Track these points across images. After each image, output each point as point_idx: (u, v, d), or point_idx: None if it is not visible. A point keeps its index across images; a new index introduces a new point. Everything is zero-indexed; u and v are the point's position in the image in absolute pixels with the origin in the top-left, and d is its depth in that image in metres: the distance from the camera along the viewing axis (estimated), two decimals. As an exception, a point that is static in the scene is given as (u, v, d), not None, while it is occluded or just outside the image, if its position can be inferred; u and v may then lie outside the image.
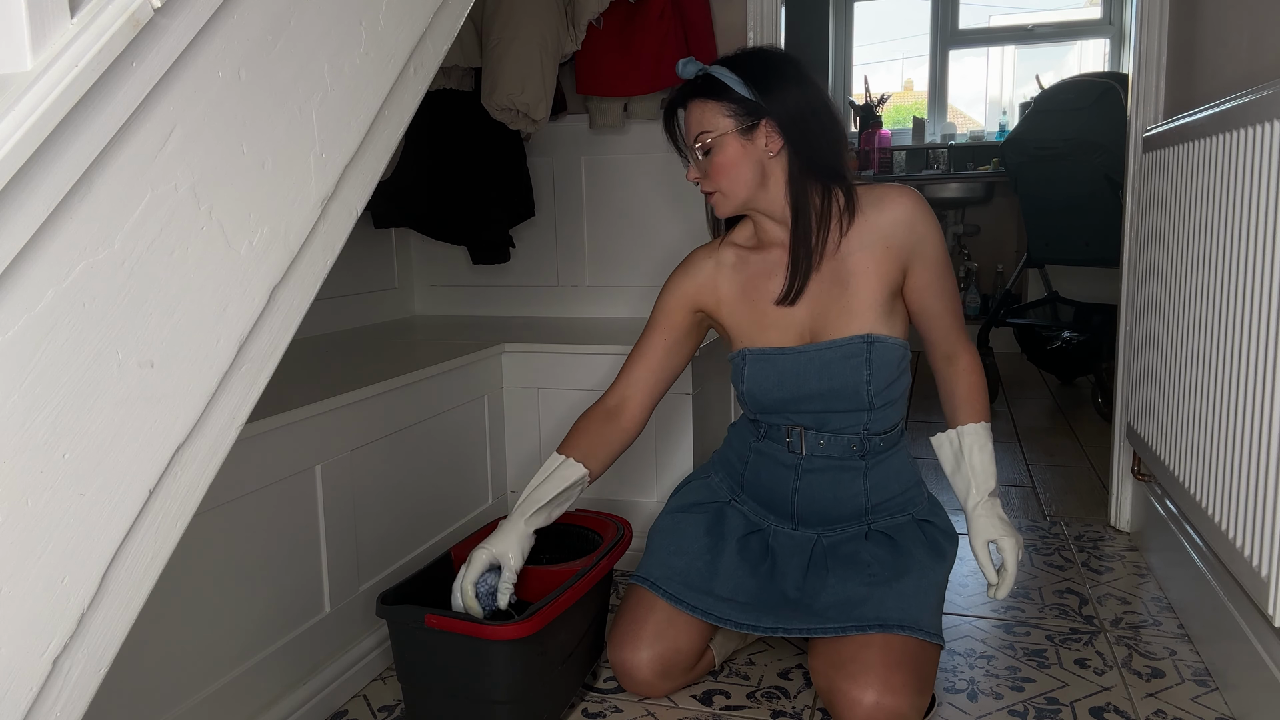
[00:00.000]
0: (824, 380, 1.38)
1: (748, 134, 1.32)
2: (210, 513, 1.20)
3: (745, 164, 1.33)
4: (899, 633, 1.30)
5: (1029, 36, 4.92)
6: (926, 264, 1.39)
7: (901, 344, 1.40)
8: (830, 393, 1.39)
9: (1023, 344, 3.64)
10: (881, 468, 1.44)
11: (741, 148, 1.33)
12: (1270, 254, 1.15)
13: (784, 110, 1.31)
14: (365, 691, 1.50)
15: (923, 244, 1.38)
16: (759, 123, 1.32)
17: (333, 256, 0.85)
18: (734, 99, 1.31)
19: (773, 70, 1.33)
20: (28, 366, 0.58)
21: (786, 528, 1.49)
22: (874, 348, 1.36)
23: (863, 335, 1.37)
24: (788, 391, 1.40)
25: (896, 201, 1.38)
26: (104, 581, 0.64)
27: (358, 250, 2.35)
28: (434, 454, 1.74)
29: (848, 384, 1.37)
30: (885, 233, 1.37)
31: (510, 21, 1.99)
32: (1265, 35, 1.38)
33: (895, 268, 1.38)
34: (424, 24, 0.94)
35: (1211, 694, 1.42)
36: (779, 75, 1.32)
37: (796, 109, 1.32)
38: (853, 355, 1.37)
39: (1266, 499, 1.14)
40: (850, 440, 1.41)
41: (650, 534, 1.54)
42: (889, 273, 1.38)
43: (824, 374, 1.38)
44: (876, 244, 1.37)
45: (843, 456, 1.42)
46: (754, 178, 1.34)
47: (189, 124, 0.69)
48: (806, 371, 1.39)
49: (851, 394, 1.38)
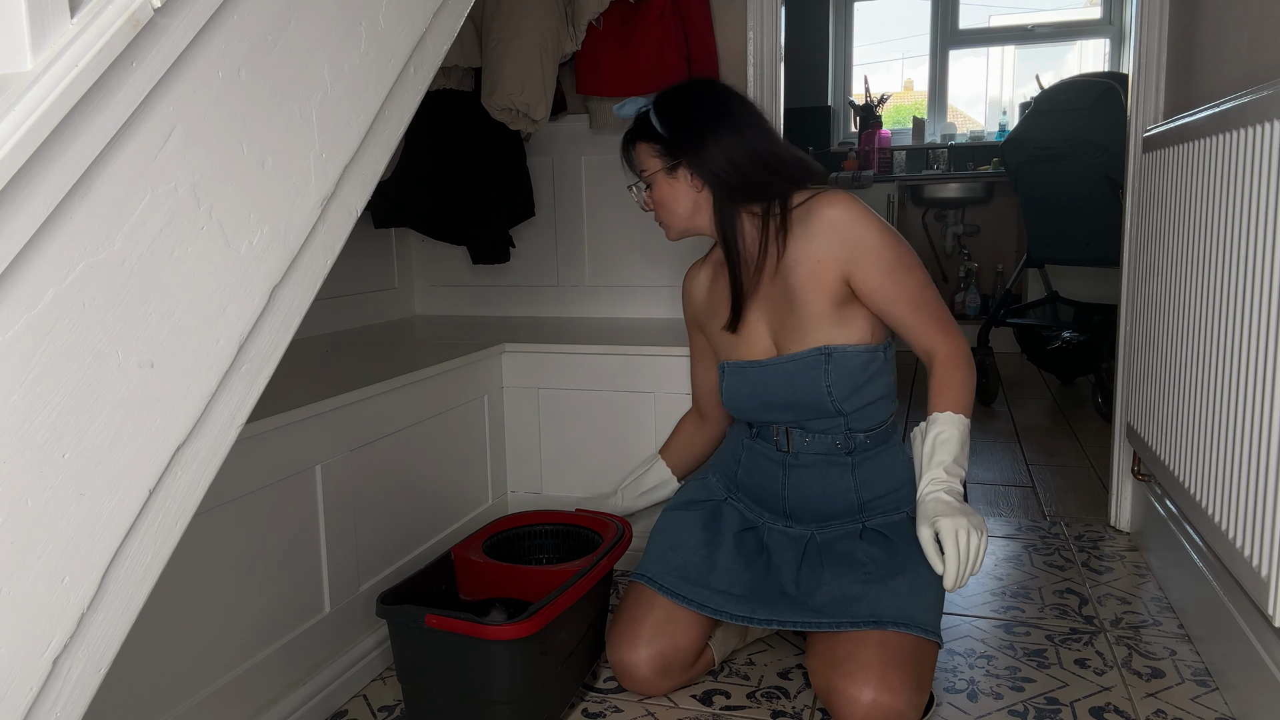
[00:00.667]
0: (788, 392, 1.43)
1: (672, 173, 1.42)
2: (210, 513, 1.20)
3: (676, 199, 1.44)
4: (893, 629, 1.30)
5: (1029, 36, 4.92)
6: (869, 268, 1.36)
7: (866, 349, 1.39)
8: (797, 403, 1.43)
9: (1023, 344, 3.64)
10: (871, 464, 1.45)
11: (670, 185, 1.43)
12: (1270, 254, 1.15)
13: (699, 150, 1.39)
14: (365, 691, 1.50)
15: (858, 250, 1.35)
16: (679, 162, 1.41)
17: (333, 256, 0.85)
18: (660, 140, 1.41)
19: (689, 110, 1.41)
20: (28, 366, 0.58)
21: (780, 525, 1.51)
22: (832, 359, 1.39)
23: (819, 348, 1.39)
24: (759, 402, 1.46)
25: (821, 214, 1.37)
26: (104, 581, 0.64)
27: (358, 250, 2.35)
28: (434, 454, 1.74)
29: (810, 394, 1.41)
30: (815, 245, 1.37)
31: (510, 21, 1.99)
32: (1265, 35, 1.38)
33: (834, 279, 1.37)
34: (424, 24, 0.94)
35: (1211, 694, 1.43)
36: (693, 116, 1.40)
37: (714, 147, 1.38)
38: (811, 368, 1.40)
39: (1266, 499, 1.14)
40: (834, 438, 1.44)
41: (650, 534, 1.56)
42: (829, 284, 1.37)
43: (788, 386, 1.43)
44: (809, 259, 1.38)
45: (829, 453, 1.45)
46: (686, 210, 1.44)
47: (189, 124, 0.69)
48: (772, 384, 1.44)
49: (816, 404, 1.41)
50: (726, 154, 1.38)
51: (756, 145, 1.39)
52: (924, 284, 1.39)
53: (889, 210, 4.58)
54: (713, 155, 1.38)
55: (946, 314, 1.42)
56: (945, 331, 1.41)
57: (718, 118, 1.39)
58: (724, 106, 1.40)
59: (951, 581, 1.28)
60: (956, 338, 1.41)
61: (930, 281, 1.41)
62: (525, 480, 2.03)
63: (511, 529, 1.62)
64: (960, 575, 1.27)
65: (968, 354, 1.42)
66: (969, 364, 1.41)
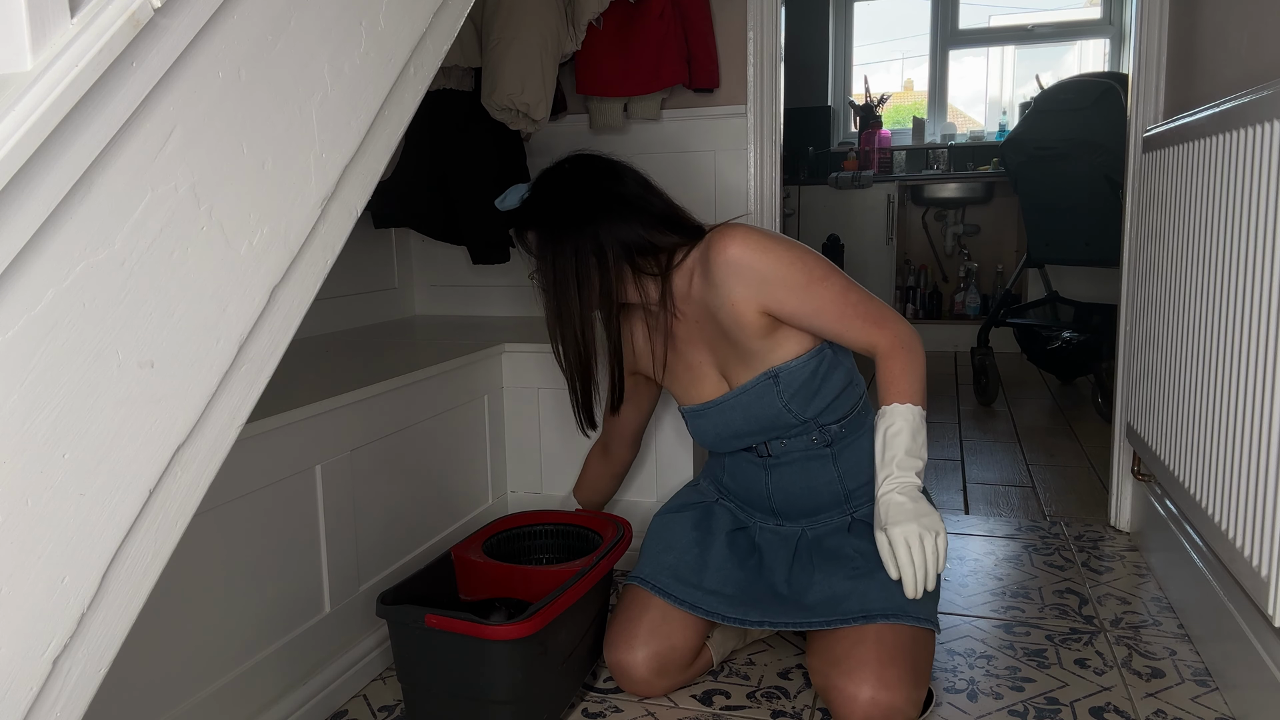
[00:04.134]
0: (750, 421, 1.45)
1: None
2: (210, 513, 1.20)
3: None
4: (883, 621, 1.30)
5: (1029, 36, 4.92)
6: (782, 296, 1.33)
7: (808, 357, 1.39)
8: (762, 428, 1.45)
9: (1023, 344, 3.64)
10: (851, 450, 1.46)
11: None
12: (1270, 254, 1.15)
13: (570, 238, 1.37)
14: (365, 691, 1.50)
15: (766, 283, 1.33)
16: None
17: (333, 256, 0.85)
18: (537, 228, 1.40)
19: (555, 201, 1.40)
20: (28, 366, 0.58)
21: (770, 524, 1.53)
22: (780, 379, 1.40)
23: (765, 373, 1.40)
24: (727, 434, 1.48)
25: (718, 258, 1.35)
26: (104, 581, 0.64)
27: (358, 250, 2.35)
28: (434, 454, 1.74)
29: (771, 416, 1.43)
30: (724, 290, 1.36)
31: (510, 21, 1.99)
32: (1265, 35, 1.38)
33: (753, 313, 1.36)
34: (424, 24, 0.94)
35: (1211, 694, 1.43)
36: (559, 206, 1.39)
37: (583, 233, 1.37)
38: (765, 394, 1.41)
39: (1266, 499, 1.14)
40: (810, 436, 1.45)
41: (643, 539, 1.58)
42: (752, 319, 1.36)
43: (747, 415, 1.44)
44: (724, 303, 1.37)
45: (807, 449, 1.46)
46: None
47: (189, 124, 0.69)
48: (733, 418, 1.46)
49: (779, 422, 1.43)
50: (612, 231, 1.37)
51: (639, 215, 1.39)
52: (843, 290, 1.35)
53: (889, 210, 4.58)
54: (597, 236, 1.37)
55: (878, 308, 1.37)
56: (879, 325, 1.36)
57: (595, 197, 1.39)
58: (600, 184, 1.40)
59: (910, 590, 1.28)
60: (893, 327, 1.36)
61: (850, 284, 1.36)
62: (525, 480, 2.03)
63: (511, 529, 1.62)
64: (917, 582, 1.28)
65: (907, 339, 1.36)
66: (909, 349, 1.35)
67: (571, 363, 1.43)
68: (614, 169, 1.43)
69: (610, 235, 1.37)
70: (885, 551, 1.30)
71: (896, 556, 1.28)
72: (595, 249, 1.37)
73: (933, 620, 1.34)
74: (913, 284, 4.91)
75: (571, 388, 1.46)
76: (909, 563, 1.27)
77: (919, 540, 1.26)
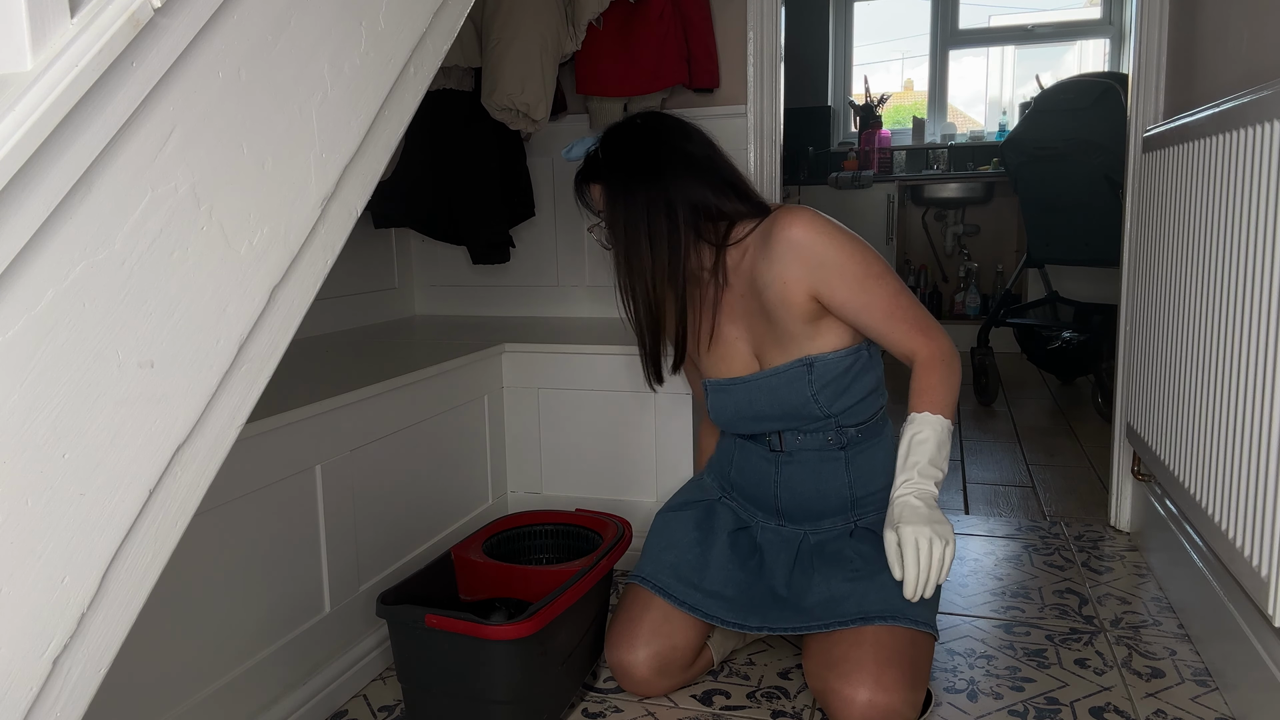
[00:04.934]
0: (774, 405, 1.43)
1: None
2: (210, 513, 1.20)
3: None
4: (880, 623, 1.30)
5: (1029, 36, 4.92)
6: (835, 283, 1.33)
7: (848, 352, 1.39)
8: (784, 414, 1.43)
9: (1023, 344, 3.64)
10: (864, 458, 1.46)
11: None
12: (1270, 254, 1.15)
13: (642, 192, 1.36)
14: (365, 691, 1.50)
15: (823, 268, 1.33)
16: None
17: (333, 256, 0.85)
18: (607, 180, 1.39)
19: (627, 153, 1.39)
20: (28, 366, 0.58)
21: (773, 524, 1.52)
22: (814, 369, 1.39)
23: (800, 359, 1.39)
24: (746, 415, 1.47)
25: (781, 235, 1.35)
26: (104, 582, 0.64)
27: (358, 250, 2.35)
28: (434, 454, 1.74)
29: (796, 404, 1.41)
30: (779, 267, 1.35)
31: (510, 21, 1.99)
32: (1265, 35, 1.38)
33: (803, 298, 1.35)
34: (424, 24, 0.94)
35: (1211, 694, 1.42)
36: (631, 159, 1.38)
37: (668, 184, 1.36)
38: (795, 379, 1.40)
39: (1266, 499, 1.14)
40: (826, 435, 1.45)
41: (645, 536, 1.57)
42: (799, 303, 1.36)
43: (773, 399, 1.43)
44: (776, 281, 1.36)
45: (821, 449, 1.45)
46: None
47: (189, 124, 0.69)
48: (757, 399, 1.44)
49: (804, 411, 1.42)
50: (682, 190, 1.36)
51: (707, 165, 1.39)
52: (896, 291, 1.35)
53: (889, 210, 4.58)
54: (668, 192, 1.36)
55: (925, 316, 1.38)
56: (924, 334, 1.36)
57: (666, 154, 1.38)
58: (671, 141, 1.39)
59: (910, 590, 1.27)
60: (936, 339, 1.37)
61: (903, 287, 1.37)
62: (525, 480, 2.03)
63: (511, 529, 1.62)
64: (919, 584, 1.27)
65: (949, 354, 1.36)
66: (948, 364, 1.36)
67: (642, 319, 1.42)
68: (684, 128, 1.42)
69: (680, 193, 1.36)
70: (892, 550, 1.29)
71: (904, 555, 1.27)
72: (666, 206, 1.35)
73: (931, 625, 1.34)
74: (913, 284, 4.91)
75: (641, 343, 1.46)
76: (914, 563, 1.26)
77: (929, 544, 1.26)
